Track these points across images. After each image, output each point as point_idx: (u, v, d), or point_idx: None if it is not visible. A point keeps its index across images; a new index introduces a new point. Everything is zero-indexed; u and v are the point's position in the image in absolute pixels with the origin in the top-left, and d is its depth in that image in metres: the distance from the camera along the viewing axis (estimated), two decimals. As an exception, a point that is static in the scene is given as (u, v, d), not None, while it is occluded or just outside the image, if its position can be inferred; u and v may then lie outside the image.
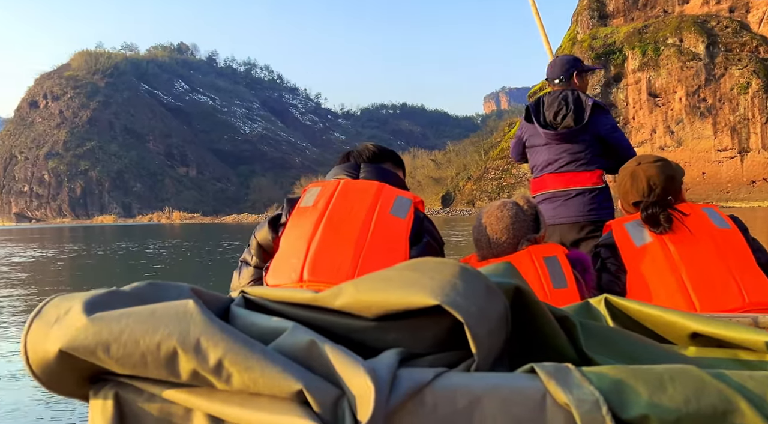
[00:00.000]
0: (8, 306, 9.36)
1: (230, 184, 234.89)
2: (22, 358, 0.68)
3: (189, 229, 73.18)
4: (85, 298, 0.69)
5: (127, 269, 16.67)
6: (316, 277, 1.56)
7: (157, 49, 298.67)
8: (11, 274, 15.04)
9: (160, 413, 0.68)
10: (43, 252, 25.51)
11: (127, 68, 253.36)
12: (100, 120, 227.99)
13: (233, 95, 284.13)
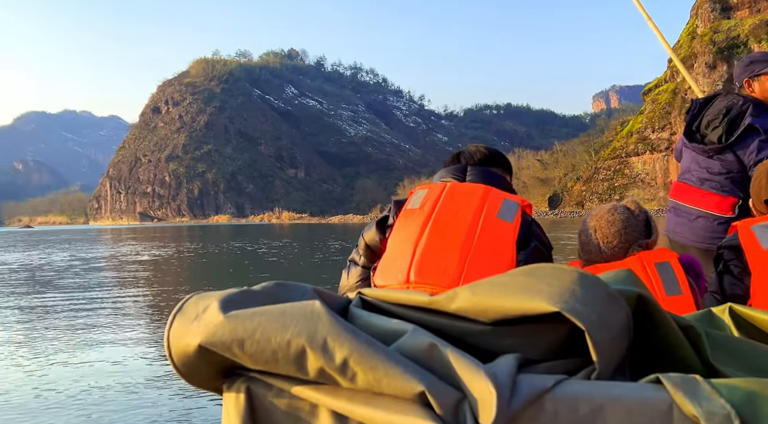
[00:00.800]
0: (141, 304, 9.51)
1: (336, 185, 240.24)
2: (165, 351, 0.73)
3: (297, 229, 75.08)
4: (221, 296, 0.73)
5: (242, 268, 16.85)
6: (422, 278, 1.57)
7: (269, 56, 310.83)
8: (139, 273, 15.39)
9: (288, 408, 0.71)
10: (164, 251, 26.45)
11: (241, 74, 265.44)
12: (216, 124, 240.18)
13: (340, 99, 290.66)
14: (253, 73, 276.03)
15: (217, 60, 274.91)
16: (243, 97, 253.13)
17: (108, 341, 6.65)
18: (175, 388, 4.78)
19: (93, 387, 4.89)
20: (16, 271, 16.80)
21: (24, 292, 11.47)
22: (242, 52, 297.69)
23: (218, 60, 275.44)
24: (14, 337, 6.91)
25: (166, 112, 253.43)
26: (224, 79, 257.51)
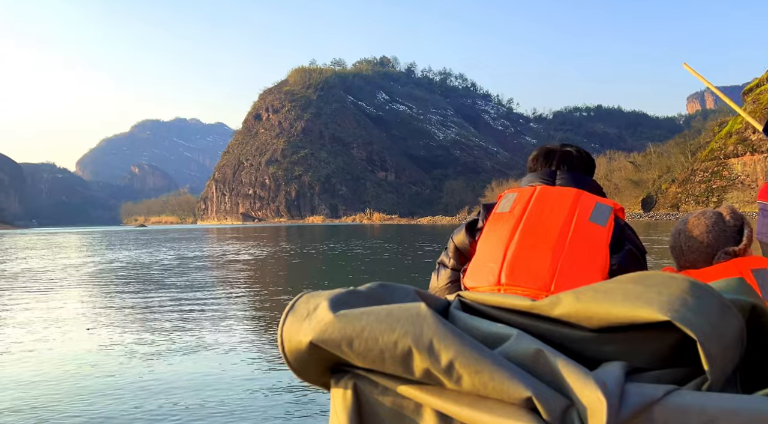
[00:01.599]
0: (244, 303, 9.46)
1: (425, 187, 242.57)
2: (278, 347, 0.76)
3: (387, 229, 75.51)
4: (330, 296, 0.75)
5: (337, 268, 17.00)
6: (513, 281, 1.55)
7: (361, 64, 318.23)
8: (241, 272, 15.58)
9: (394, 406, 0.72)
10: (263, 250, 27.06)
11: (335, 82, 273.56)
12: (313, 130, 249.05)
13: (429, 103, 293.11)
14: (347, 80, 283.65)
15: (313, 69, 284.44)
16: (337, 103, 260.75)
17: (214, 342, 6.40)
18: (283, 385, 4.78)
19: (203, 385, 4.77)
20: (128, 269, 17.17)
21: (133, 290, 11.47)
22: (337, 61, 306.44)
23: (315, 69, 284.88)
24: (125, 338, 6.71)
25: (266, 119, 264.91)
26: (320, 86, 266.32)
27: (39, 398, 4.52)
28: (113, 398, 4.51)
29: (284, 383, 4.88)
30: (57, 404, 4.36)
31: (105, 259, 22.18)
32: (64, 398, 4.52)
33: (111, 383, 4.94)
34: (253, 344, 6.48)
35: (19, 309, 9.25)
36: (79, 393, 4.63)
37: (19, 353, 6.07)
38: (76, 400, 4.47)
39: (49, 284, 12.98)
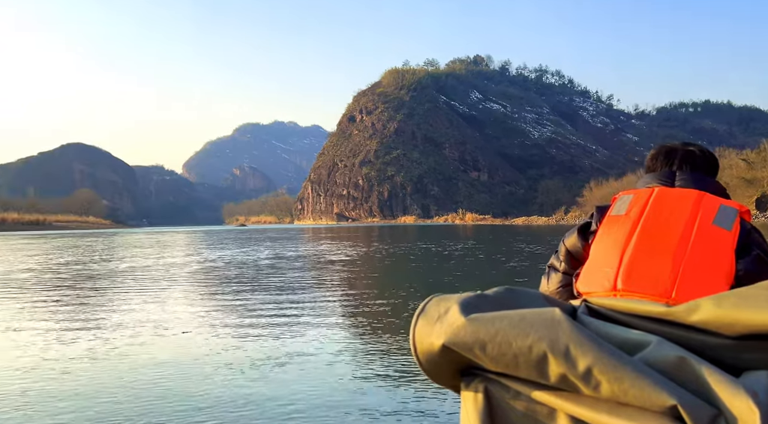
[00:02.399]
0: (342, 304, 9.35)
1: (519, 187, 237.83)
2: (411, 348, 0.79)
3: (480, 229, 74.58)
4: (460, 299, 0.78)
5: (434, 269, 16.64)
6: (630, 287, 1.49)
7: (455, 63, 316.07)
8: (336, 273, 15.55)
9: (526, 410, 0.73)
10: (358, 250, 27.42)
11: (428, 82, 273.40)
12: (405, 131, 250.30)
13: (524, 102, 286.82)
14: (440, 80, 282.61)
15: (406, 70, 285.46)
16: (429, 103, 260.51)
17: (316, 350, 6.13)
18: (401, 387, 4.71)
19: (306, 388, 4.75)
20: (227, 268, 17.39)
21: (232, 291, 11.50)
22: (430, 61, 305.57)
23: (408, 70, 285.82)
24: (222, 343, 6.53)
25: (360, 121, 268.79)
26: (413, 87, 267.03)
27: (123, 408, 4.42)
28: (209, 415, 4.24)
29: (398, 393, 4.69)
30: (140, 418, 4.22)
31: (206, 258, 22.85)
32: (150, 413, 4.35)
33: (207, 396, 4.68)
34: (358, 352, 6.22)
35: (117, 309, 9.50)
36: (173, 409, 4.41)
37: (115, 357, 6.12)
38: (167, 416, 4.30)
39: (151, 284, 13.42)
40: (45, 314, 9.15)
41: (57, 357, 6.14)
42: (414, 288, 11.90)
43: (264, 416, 4.20)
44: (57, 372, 5.51)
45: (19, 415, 4.30)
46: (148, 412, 4.32)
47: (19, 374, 5.49)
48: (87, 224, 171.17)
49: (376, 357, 5.96)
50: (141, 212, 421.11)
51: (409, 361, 5.65)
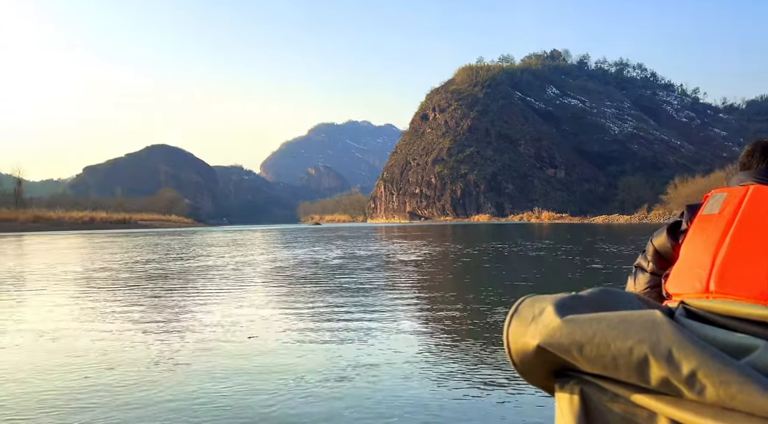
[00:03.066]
0: (419, 307, 9.32)
1: (598, 184, 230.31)
2: (504, 349, 0.80)
3: (557, 228, 73.14)
4: (555, 300, 0.77)
5: (509, 271, 15.69)
6: (724, 289, 1.40)
7: (530, 58, 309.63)
8: (412, 274, 15.29)
9: (625, 413, 0.71)
10: (436, 249, 27.13)
11: (502, 78, 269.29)
12: (479, 128, 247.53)
13: (603, 96, 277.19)
14: (515, 76, 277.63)
15: (480, 66, 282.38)
16: (504, 100, 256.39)
17: (393, 359, 5.74)
18: (488, 388, 4.64)
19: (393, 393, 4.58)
20: (299, 267, 17.35)
21: (303, 292, 11.11)
22: (505, 57, 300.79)
23: (482, 66, 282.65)
24: (288, 352, 6.12)
25: (433, 119, 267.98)
26: (487, 84, 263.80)
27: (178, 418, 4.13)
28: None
29: (481, 401, 4.46)
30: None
31: (278, 257, 22.87)
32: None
33: (269, 412, 4.30)
34: (437, 359, 5.83)
35: (186, 311, 9.33)
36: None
37: (178, 365, 5.80)
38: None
39: (222, 284, 13.31)
40: (112, 316, 9.06)
41: (117, 363, 5.89)
42: (490, 291, 11.33)
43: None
44: (116, 379, 5.25)
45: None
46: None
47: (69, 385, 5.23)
48: (169, 222, 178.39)
49: (456, 368, 5.49)
50: (221, 210, 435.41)
51: (491, 370, 5.43)
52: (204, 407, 4.46)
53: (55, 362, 5.91)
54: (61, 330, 7.74)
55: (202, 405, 4.50)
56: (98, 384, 5.11)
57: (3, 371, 5.64)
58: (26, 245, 39.06)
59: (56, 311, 9.46)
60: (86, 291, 12.27)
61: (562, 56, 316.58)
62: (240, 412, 4.31)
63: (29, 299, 11.12)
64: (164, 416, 4.26)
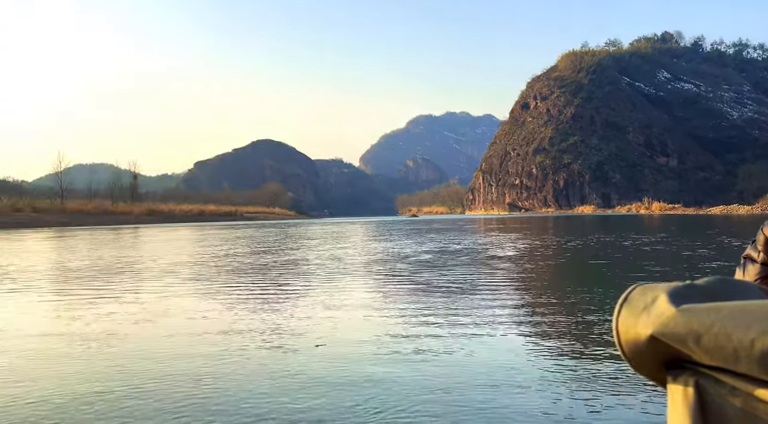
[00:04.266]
0: (524, 304, 9.17)
1: (714, 173, 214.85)
2: (614, 338, 0.75)
3: (669, 220, 69.55)
4: (668, 289, 0.73)
5: (618, 267, 14.69)
6: None
7: (639, 42, 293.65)
8: (504, 271, 14.55)
9: (745, 407, 0.67)
10: (535, 242, 26.64)
11: (609, 63, 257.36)
12: (583, 116, 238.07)
13: (720, 80, 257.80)
14: (622, 60, 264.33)
15: (585, 52, 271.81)
16: (611, 86, 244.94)
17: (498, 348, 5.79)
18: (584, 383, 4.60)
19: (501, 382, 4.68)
20: (390, 261, 17.05)
21: (386, 291, 10.48)
22: (611, 42, 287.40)
23: (587, 52, 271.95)
24: (368, 364, 5.40)
25: (534, 108, 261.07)
26: (592, 69, 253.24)
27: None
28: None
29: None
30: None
31: (370, 250, 22.40)
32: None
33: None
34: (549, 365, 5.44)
35: (257, 309, 8.81)
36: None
37: (239, 373, 5.14)
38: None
39: (301, 278, 12.86)
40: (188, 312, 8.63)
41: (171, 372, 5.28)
42: (599, 292, 10.10)
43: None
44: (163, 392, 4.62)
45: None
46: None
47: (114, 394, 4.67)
48: (273, 214, 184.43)
49: (572, 377, 5.04)
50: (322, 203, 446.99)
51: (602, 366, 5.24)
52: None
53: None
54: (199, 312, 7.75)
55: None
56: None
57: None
58: (139, 237, 41.00)
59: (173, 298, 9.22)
60: (169, 284, 12.07)
61: (674, 38, 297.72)
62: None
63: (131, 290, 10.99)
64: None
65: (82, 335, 7.07)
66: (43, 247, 29.32)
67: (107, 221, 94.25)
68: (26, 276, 14.23)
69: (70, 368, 5.51)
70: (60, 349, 6.37)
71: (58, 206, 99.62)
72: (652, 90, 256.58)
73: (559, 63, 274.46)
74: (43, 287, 12.17)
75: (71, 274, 14.69)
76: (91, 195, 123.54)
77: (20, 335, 7.20)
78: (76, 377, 5.17)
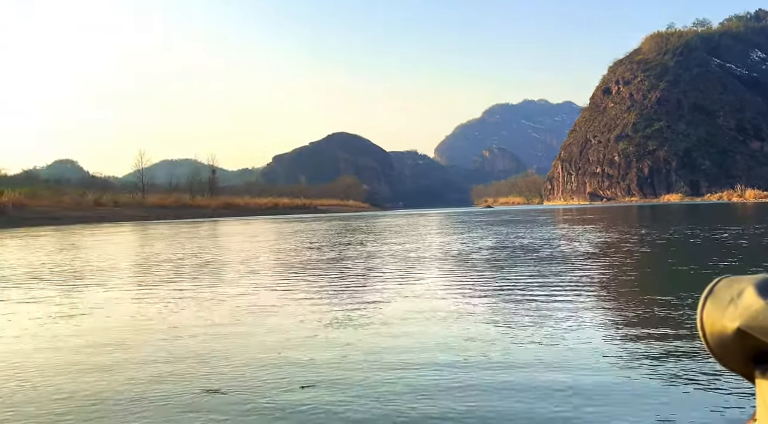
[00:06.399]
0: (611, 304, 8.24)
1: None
2: (698, 332, 0.73)
3: (765, 209, 64.84)
4: (756, 281, 0.70)
5: (706, 264, 12.64)
6: None
7: (731, 21, 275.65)
8: (573, 271, 12.55)
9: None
10: (612, 235, 25.16)
11: (697, 44, 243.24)
12: (669, 100, 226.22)
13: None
14: (712, 41, 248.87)
15: (671, 33, 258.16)
16: (699, 68, 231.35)
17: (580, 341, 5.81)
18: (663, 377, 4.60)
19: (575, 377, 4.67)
20: (444, 260, 15.54)
21: (442, 292, 9.62)
22: (700, 22, 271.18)
23: (673, 32, 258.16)
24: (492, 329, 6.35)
25: (616, 93, 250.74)
26: (678, 51, 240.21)
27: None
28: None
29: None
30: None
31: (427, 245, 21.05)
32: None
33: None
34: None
35: (295, 307, 8.27)
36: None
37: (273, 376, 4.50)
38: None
39: (346, 276, 11.66)
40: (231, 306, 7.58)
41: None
42: (682, 292, 8.53)
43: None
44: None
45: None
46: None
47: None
48: (347, 207, 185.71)
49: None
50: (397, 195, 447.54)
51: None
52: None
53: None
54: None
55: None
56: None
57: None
58: (213, 229, 41.21)
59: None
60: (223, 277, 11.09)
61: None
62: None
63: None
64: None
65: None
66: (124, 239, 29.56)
67: (185, 214, 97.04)
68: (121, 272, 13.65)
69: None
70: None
71: (138, 200, 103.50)
72: (744, 71, 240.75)
73: (643, 46, 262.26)
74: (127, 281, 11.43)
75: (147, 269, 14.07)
76: (171, 189, 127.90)
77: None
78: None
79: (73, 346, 6.30)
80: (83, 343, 6.43)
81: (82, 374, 5.13)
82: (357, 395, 4.38)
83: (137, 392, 4.57)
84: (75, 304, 9.30)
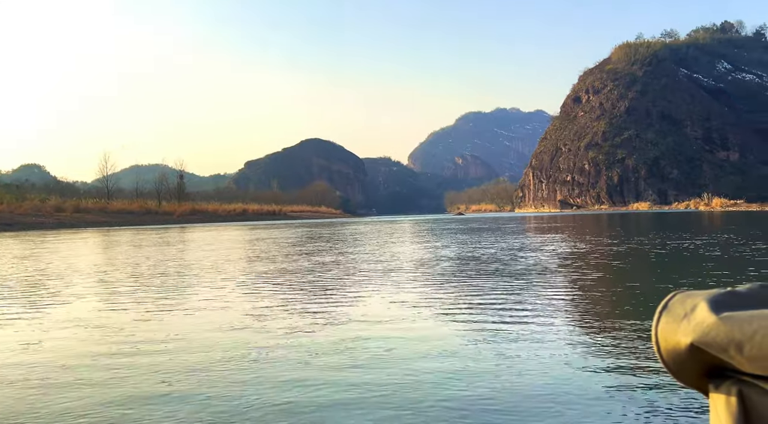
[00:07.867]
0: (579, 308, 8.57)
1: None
2: (653, 346, 0.74)
3: (732, 218, 64.91)
4: (708, 296, 0.71)
5: (678, 275, 12.84)
6: None
7: (698, 32, 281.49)
8: (543, 282, 12.91)
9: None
10: (583, 245, 24.92)
11: (665, 55, 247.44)
12: (638, 109, 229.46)
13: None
14: (680, 52, 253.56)
15: (640, 43, 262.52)
16: (667, 78, 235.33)
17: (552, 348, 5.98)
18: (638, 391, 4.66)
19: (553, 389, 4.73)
20: (391, 272, 15.96)
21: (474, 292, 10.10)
22: (668, 32, 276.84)
23: (641, 43, 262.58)
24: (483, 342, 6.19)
25: (586, 102, 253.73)
26: (647, 61, 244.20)
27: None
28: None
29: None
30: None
31: (390, 255, 20.15)
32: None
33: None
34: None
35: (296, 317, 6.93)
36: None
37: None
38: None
39: (302, 289, 10.48)
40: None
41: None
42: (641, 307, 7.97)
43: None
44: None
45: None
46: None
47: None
48: (318, 213, 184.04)
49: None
50: (370, 201, 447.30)
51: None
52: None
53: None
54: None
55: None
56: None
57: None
58: (169, 236, 39.66)
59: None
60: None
61: (734, 28, 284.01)
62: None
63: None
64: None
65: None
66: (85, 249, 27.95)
67: (150, 220, 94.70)
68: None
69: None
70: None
71: (102, 206, 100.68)
72: (711, 82, 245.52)
73: (613, 55, 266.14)
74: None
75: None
76: (138, 195, 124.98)
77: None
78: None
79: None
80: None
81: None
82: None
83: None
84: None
